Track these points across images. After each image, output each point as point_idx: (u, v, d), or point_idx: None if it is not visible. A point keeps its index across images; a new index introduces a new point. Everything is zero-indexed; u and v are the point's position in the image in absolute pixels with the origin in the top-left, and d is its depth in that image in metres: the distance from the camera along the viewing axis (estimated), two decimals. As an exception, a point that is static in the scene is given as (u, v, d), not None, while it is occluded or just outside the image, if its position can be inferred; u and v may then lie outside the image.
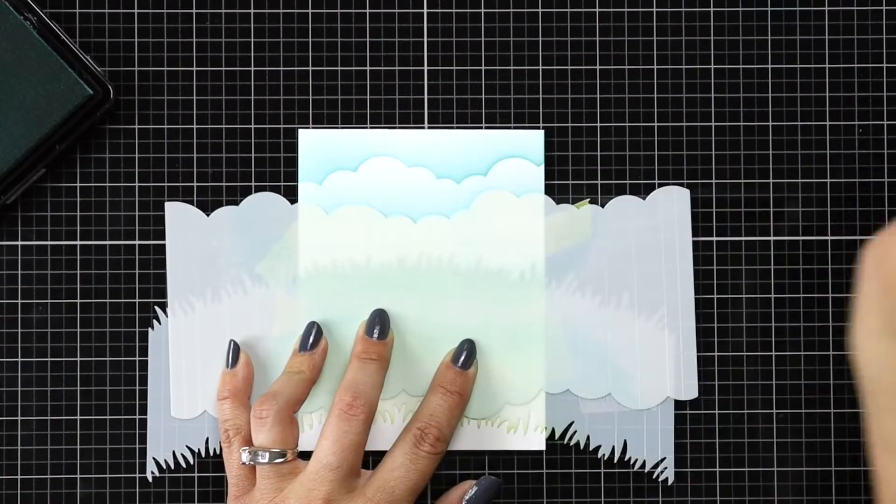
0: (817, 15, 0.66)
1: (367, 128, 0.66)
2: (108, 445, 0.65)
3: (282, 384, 0.63)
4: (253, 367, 0.64)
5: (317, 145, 0.66)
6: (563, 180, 0.66)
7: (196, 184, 0.66)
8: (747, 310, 0.66)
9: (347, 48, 0.66)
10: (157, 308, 0.65)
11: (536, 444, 0.65)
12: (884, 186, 0.66)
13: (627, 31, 0.66)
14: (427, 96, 0.66)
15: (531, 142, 0.66)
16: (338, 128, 0.66)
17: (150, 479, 0.65)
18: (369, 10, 0.66)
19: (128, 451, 0.65)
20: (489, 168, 0.66)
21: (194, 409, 0.65)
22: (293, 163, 0.66)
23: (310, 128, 0.66)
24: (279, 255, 0.65)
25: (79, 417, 0.65)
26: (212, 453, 0.65)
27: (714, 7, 0.66)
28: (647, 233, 0.65)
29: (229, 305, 0.65)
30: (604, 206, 0.66)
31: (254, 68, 0.66)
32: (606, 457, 0.66)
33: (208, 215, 0.65)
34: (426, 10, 0.66)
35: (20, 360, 0.65)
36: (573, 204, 0.66)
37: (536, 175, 0.66)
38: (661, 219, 0.66)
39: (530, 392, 0.65)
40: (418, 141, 0.66)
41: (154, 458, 0.65)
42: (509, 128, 0.66)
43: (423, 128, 0.66)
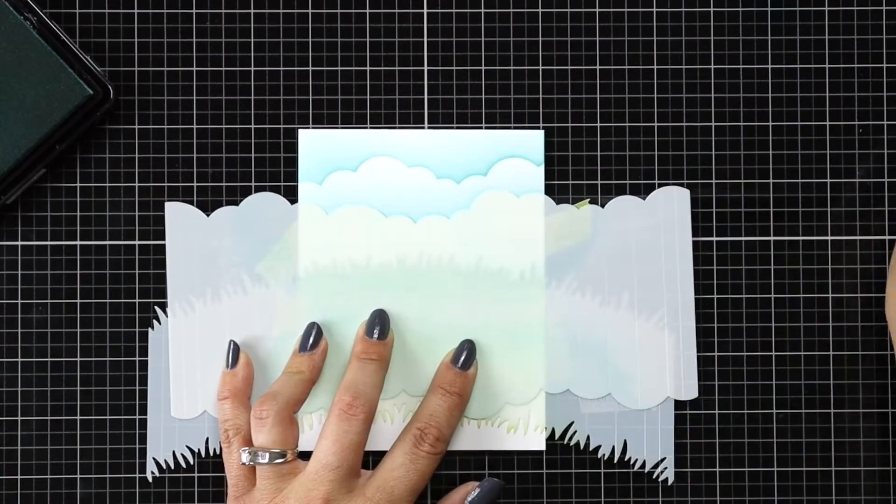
0: (817, 15, 0.66)
1: (367, 128, 0.66)
2: (108, 445, 0.65)
3: (282, 384, 0.63)
4: (253, 367, 0.64)
5: (317, 145, 0.66)
6: (563, 180, 0.66)
7: (196, 184, 0.66)
8: (747, 310, 0.66)
9: (347, 48, 0.66)
10: (157, 308, 0.65)
11: (536, 444, 0.65)
12: (884, 186, 0.66)
13: (627, 31, 0.66)
14: (427, 96, 0.66)
15: (531, 142, 0.66)
16: (338, 128, 0.66)
17: (150, 479, 0.65)
18: (369, 10, 0.66)
19: (128, 451, 0.65)
20: (489, 168, 0.66)
21: (194, 409, 0.65)
22: (293, 163, 0.66)
23: (310, 128, 0.66)
24: (279, 255, 0.65)
25: (79, 417, 0.65)
26: (212, 453, 0.65)
27: (714, 7, 0.66)
28: (647, 233, 0.65)
29: (229, 305, 0.65)
30: (604, 206, 0.66)
31: (254, 68, 0.66)
32: (606, 457, 0.66)
33: (208, 215, 0.65)
34: (426, 10, 0.66)
35: (20, 360, 0.65)
36: (573, 204, 0.66)
37: (536, 175, 0.66)
38: (661, 219, 0.66)
39: (530, 392, 0.65)
40: (418, 141, 0.66)
41: (154, 458, 0.65)
42: (509, 128, 0.66)
43: (423, 128, 0.66)
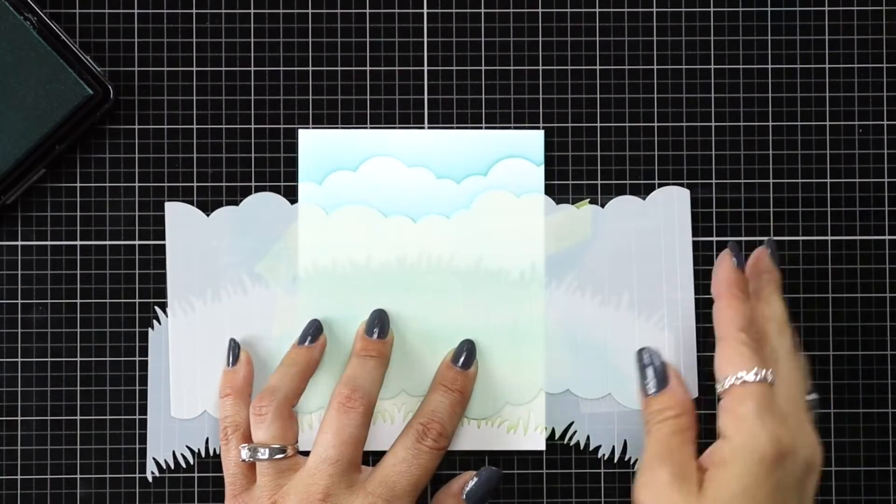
0: (817, 15, 0.66)
1: (366, 128, 0.66)
2: (108, 445, 0.65)
3: (279, 378, 0.63)
4: (253, 365, 0.64)
5: (317, 145, 0.66)
6: (563, 180, 0.66)
7: (196, 184, 0.66)
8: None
9: (347, 48, 0.66)
10: (157, 308, 0.65)
11: (536, 444, 0.65)
12: (884, 186, 0.66)
13: (627, 31, 0.66)
14: (427, 96, 0.66)
15: (531, 142, 0.66)
16: (338, 128, 0.66)
17: (150, 480, 0.65)
18: (369, 10, 0.66)
19: (128, 451, 0.65)
20: (489, 168, 0.66)
21: (194, 409, 0.65)
22: (293, 163, 0.66)
23: (310, 128, 0.66)
24: (279, 255, 0.65)
25: (79, 417, 0.65)
26: (212, 453, 0.65)
27: (714, 7, 0.66)
28: (646, 233, 0.65)
29: (229, 305, 0.65)
30: (604, 206, 0.66)
31: (254, 68, 0.66)
32: (606, 456, 0.66)
33: (208, 215, 0.65)
34: (426, 10, 0.66)
35: (20, 360, 0.65)
36: (573, 204, 0.66)
37: (536, 175, 0.66)
38: (661, 219, 0.65)
39: (530, 392, 0.65)
40: (418, 141, 0.66)
41: (154, 458, 0.65)
42: (509, 128, 0.66)
43: (424, 128, 0.66)
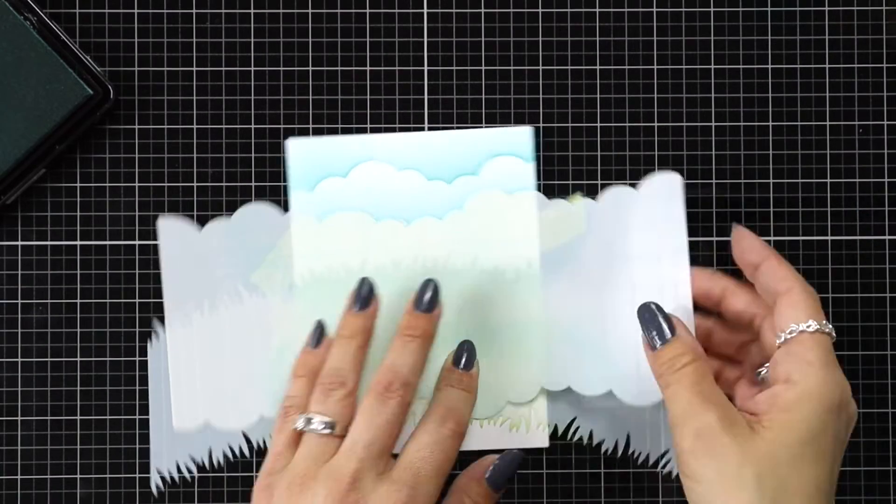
0: (817, 15, 0.66)
1: (353, 128, 0.66)
2: (108, 446, 0.65)
3: (340, 358, 0.61)
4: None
5: (306, 153, 0.65)
6: (564, 180, 0.66)
7: (196, 183, 0.66)
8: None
9: (347, 48, 0.66)
10: (155, 322, 0.65)
11: (539, 442, 0.65)
12: (884, 186, 0.66)
13: (627, 31, 0.66)
14: (427, 96, 0.66)
15: (520, 139, 0.66)
16: (334, 126, 0.66)
17: (156, 494, 0.65)
18: (369, 10, 0.66)
19: (128, 451, 0.65)
20: (479, 167, 0.66)
21: (196, 421, 0.65)
22: (284, 171, 0.66)
23: (297, 136, 0.66)
24: (274, 264, 0.65)
25: (79, 417, 0.65)
26: (216, 465, 0.65)
27: (714, 7, 0.66)
28: (641, 222, 0.65)
29: (227, 317, 0.65)
30: (596, 199, 0.65)
31: (254, 68, 0.66)
32: (610, 452, 0.65)
33: (201, 228, 0.65)
34: (426, 10, 0.66)
35: (20, 360, 0.65)
36: (566, 199, 0.66)
37: (527, 172, 0.66)
38: (654, 207, 0.65)
39: (531, 390, 0.65)
40: (407, 144, 0.66)
41: (158, 471, 0.65)
42: (499, 126, 0.66)
43: (424, 128, 0.66)
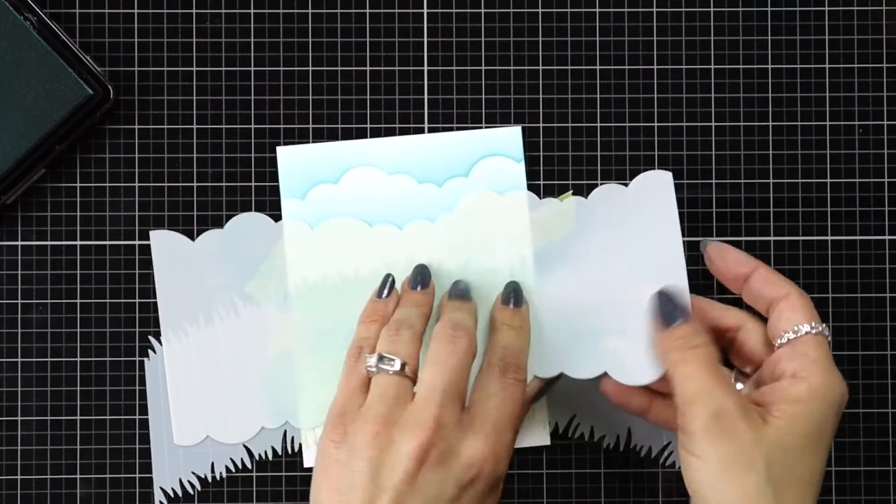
0: (817, 15, 0.66)
1: (359, 130, 0.66)
2: (108, 446, 0.65)
3: (408, 310, 0.61)
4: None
5: (296, 161, 0.65)
6: (563, 180, 0.66)
7: (196, 184, 0.66)
8: (747, 310, 0.66)
9: (347, 48, 0.66)
10: (150, 337, 0.65)
11: (541, 440, 0.65)
12: (884, 186, 0.66)
13: (627, 31, 0.66)
14: (427, 96, 0.66)
15: (509, 139, 0.66)
16: (333, 127, 0.66)
17: None
18: (369, 10, 0.66)
19: (128, 452, 0.65)
20: (470, 169, 0.65)
21: (197, 435, 0.65)
22: (275, 179, 0.66)
23: (297, 136, 0.65)
24: (268, 273, 0.65)
25: (79, 417, 0.65)
26: (218, 478, 0.65)
27: (714, 7, 0.66)
28: (632, 218, 0.65)
29: (222, 328, 0.65)
30: (587, 196, 0.65)
31: (254, 69, 0.66)
32: (612, 447, 0.65)
33: (193, 240, 0.65)
34: (426, 10, 0.66)
35: (20, 360, 0.65)
36: (557, 197, 0.66)
37: (517, 172, 0.65)
38: (644, 204, 0.65)
39: (529, 388, 0.65)
40: (397, 148, 0.65)
41: (161, 488, 0.65)
42: (490, 126, 0.66)
43: (424, 129, 0.66)
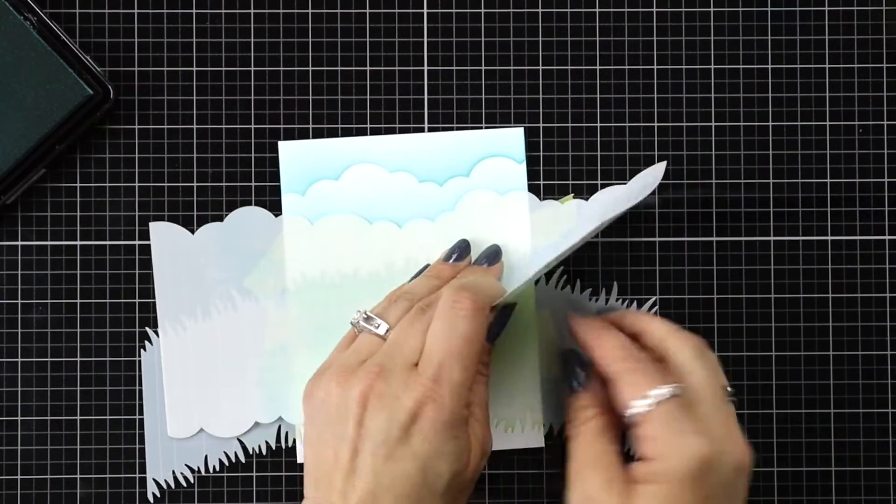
0: (817, 15, 0.66)
1: (360, 130, 0.66)
2: (107, 445, 0.65)
3: (417, 286, 0.60)
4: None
5: (297, 156, 0.65)
6: (564, 180, 0.66)
7: (196, 184, 0.66)
8: (747, 310, 0.66)
9: (347, 48, 0.66)
10: (147, 329, 0.65)
11: (535, 442, 0.65)
12: (884, 186, 0.66)
13: (627, 31, 0.66)
14: (427, 96, 0.66)
15: (511, 140, 0.66)
16: (334, 126, 0.66)
17: (152, 500, 0.65)
18: (369, 10, 0.66)
19: (127, 452, 0.65)
20: (471, 169, 0.65)
21: (191, 427, 0.65)
22: (276, 175, 0.66)
23: (297, 136, 0.66)
24: (267, 268, 0.65)
25: (79, 417, 0.65)
26: (212, 470, 0.65)
27: (714, 7, 0.66)
28: (623, 207, 0.64)
29: (220, 322, 0.65)
30: (587, 199, 0.65)
31: (254, 69, 0.66)
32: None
33: (193, 232, 0.65)
34: (426, 10, 0.66)
35: (20, 360, 0.65)
36: (557, 199, 0.66)
37: (518, 172, 0.65)
38: (637, 195, 0.64)
39: (526, 390, 0.65)
40: (399, 146, 0.65)
41: (154, 479, 0.65)
42: (490, 127, 0.66)
43: (424, 128, 0.66)
